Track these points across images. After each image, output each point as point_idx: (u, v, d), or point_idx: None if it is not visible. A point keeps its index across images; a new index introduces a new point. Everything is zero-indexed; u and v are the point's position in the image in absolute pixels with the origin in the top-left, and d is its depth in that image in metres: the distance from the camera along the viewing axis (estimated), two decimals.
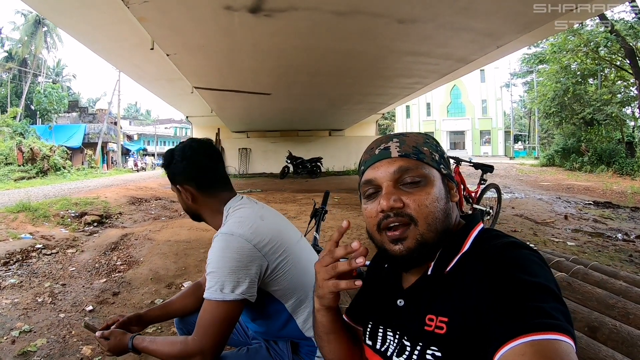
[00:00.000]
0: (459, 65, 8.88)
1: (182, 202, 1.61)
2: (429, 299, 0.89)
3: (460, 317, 0.80)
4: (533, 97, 30.69)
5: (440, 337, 0.82)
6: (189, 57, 7.90)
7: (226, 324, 1.33)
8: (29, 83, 40.59)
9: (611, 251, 5.38)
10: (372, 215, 0.94)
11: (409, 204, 0.88)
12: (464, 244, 0.90)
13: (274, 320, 1.53)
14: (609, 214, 8.35)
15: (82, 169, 26.75)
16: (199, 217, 1.62)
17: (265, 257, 1.39)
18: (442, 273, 0.89)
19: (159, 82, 12.58)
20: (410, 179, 0.90)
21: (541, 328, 0.65)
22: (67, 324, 3.35)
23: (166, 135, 65.04)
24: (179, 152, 1.58)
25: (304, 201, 10.51)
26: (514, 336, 0.66)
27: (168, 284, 4.34)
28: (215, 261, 1.35)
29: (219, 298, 1.31)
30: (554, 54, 23.09)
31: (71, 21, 7.16)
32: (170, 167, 1.58)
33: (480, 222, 0.95)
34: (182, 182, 1.58)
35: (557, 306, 0.69)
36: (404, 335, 0.92)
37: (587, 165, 20.01)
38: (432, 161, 0.93)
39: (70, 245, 5.98)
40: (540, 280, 0.72)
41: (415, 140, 0.96)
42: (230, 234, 1.39)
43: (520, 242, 0.83)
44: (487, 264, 0.79)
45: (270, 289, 1.45)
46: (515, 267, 0.75)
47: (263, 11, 5.41)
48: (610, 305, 1.68)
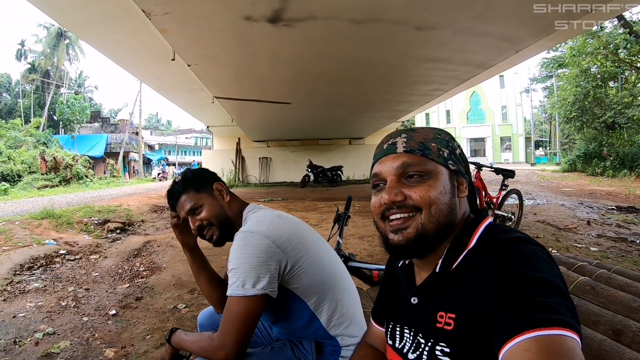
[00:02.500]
0: (478, 70, 8.80)
1: (215, 207, 1.63)
2: (439, 296, 0.91)
3: (467, 313, 0.82)
4: (553, 101, 30.34)
5: (449, 333, 0.84)
6: (210, 67, 7.98)
7: (249, 320, 1.35)
8: (51, 94, 41.49)
9: (635, 256, 5.29)
10: (377, 206, 0.97)
11: (411, 195, 0.91)
12: (470, 239, 0.91)
13: (297, 320, 1.54)
14: (632, 218, 8.18)
15: (104, 178, 27.02)
16: (228, 225, 1.63)
17: (284, 252, 1.42)
18: (449, 270, 0.90)
19: (180, 92, 12.71)
20: (414, 174, 0.92)
21: (546, 323, 0.66)
22: (91, 327, 3.41)
23: (187, 145, 65.65)
24: (190, 169, 1.75)
25: (325, 209, 10.49)
26: (519, 332, 0.67)
27: (190, 289, 4.38)
28: (236, 258, 1.38)
29: (240, 294, 1.34)
30: (573, 57, 22.76)
31: (94, 34, 7.33)
32: (190, 181, 1.66)
33: (487, 217, 0.97)
34: (213, 180, 1.69)
35: (562, 301, 0.70)
36: (418, 332, 0.95)
37: (609, 169, 19.56)
38: (438, 157, 0.95)
39: (94, 252, 6.10)
40: (545, 276, 0.73)
41: (423, 135, 0.98)
42: (249, 231, 1.43)
43: (525, 237, 0.83)
44: (492, 260, 0.80)
45: (292, 287, 1.47)
46: (519, 262, 0.76)
47: (282, 21, 5.46)
48: (634, 309, 1.66)
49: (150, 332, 3.33)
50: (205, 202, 1.62)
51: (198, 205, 1.61)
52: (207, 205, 1.62)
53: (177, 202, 1.65)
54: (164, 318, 3.64)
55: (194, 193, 1.63)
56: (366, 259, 5.06)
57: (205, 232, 1.63)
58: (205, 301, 3.96)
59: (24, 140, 25.74)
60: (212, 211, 1.62)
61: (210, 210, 1.61)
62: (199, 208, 1.61)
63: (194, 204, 1.61)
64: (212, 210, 1.62)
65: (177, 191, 1.65)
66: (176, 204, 1.66)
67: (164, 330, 3.34)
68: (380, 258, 5.10)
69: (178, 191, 1.65)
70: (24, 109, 42.75)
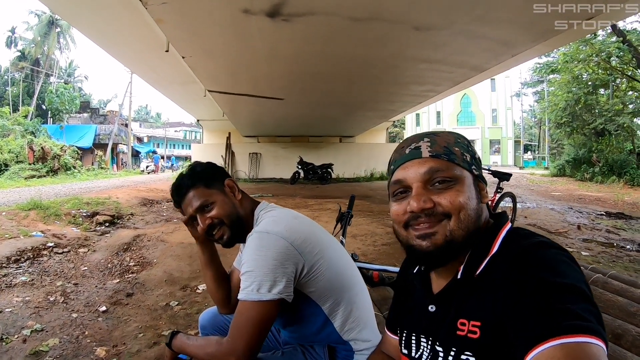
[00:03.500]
0: (473, 73, 8.85)
1: (227, 205, 1.53)
2: (459, 303, 0.88)
3: (492, 320, 0.79)
4: (544, 106, 30.62)
5: (474, 342, 0.81)
6: (205, 60, 7.91)
7: (262, 326, 1.28)
8: (41, 83, 41.03)
9: (625, 261, 5.35)
10: (400, 214, 0.92)
11: (441, 202, 0.87)
12: (492, 245, 0.88)
13: (310, 324, 1.49)
14: (621, 224, 8.30)
15: (92, 170, 26.81)
16: (240, 224, 1.53)
17: (301, 255, 1.35)
18: (472, 276, 0.87)
19: (172, 85, 12.62)
20: (441, 179, 0.88)
21: (572, 330, 0.63)
22: (80, 324, 3.33)
23: (176, 138, 65.45)
24: (199, 164, 1.62)
25: (316, 207, 10.48)
26: (544, 339, 0.64)
27: (183, 286, 4.32)
28: (251, 260, 1.30)
29: (255, 298, 1.26)
30: (566, 63, 22.98)
31: (87, 22, 7.24)
32: (200, 176, 1.54)
33: (508, 221, 0.93)
34: (224, 176, 1.59)
35: (588, 307, 0.68)
36: (436, 341, 0.91)
37: (598, 175, 19.80)
38: (463, 162, 0.91)
39: (82, 245, 6.00)
40: (570, 281, 0.71)
41: (446, 140, 0.94)
42: (265, 232, 1.35)
43: (549, 242, 0.81)
44: (516, 266, 0.78)
45: (307, 290, 1.41)
46: (544, 268, 0.74)
47: (281, 16, 5.41)
48: (632, 313, 1.71)
49: (142, 330, 3.25)
50: (216, 199, 1.51)
51: (209, 203, 1.50)
52: (219, 203, 1.51)
53: (183, 197, 1.53)
54: (157, 316, 3.56)
55: (203, 189, 1.51)
56: (360, 258, 5.05)
57: (215, 231, 1.52)
58: (199, 299, 3.92)
59: (11, 129, 25.44)
60: (224, 209, 1.51)
61: (222, 208, 1.50)
62: (210, 205, 1.50)
63: (204, 201, 1.50)
64: (224, 208, 1.51)
65: (185, 186, 1.52)
66: (182, 200, 1.54)
67: (157, 328, 3.27)
68: (374, 258, 5.09)
69: (186, 186, 1.52)
70: (13, 97, 42.26)
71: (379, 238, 6.51)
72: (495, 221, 0.93)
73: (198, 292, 4.14)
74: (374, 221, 8.09)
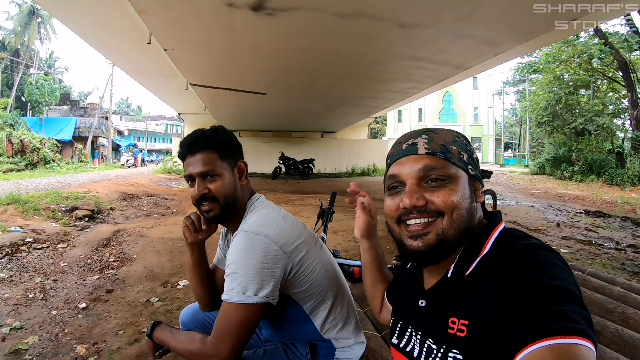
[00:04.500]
0: (456, 71, 8.92)
1: (231, 185, 1.46)
2: (450, 301, 0.88)
3: (481, 320, 0.79)
4: (525, 105, 30.98)
5: (462, 340, 0.82)
6: (187, 53, 7.84)
7: (247, 328, 1.27)
8: (20, 74, 40.15)
9: (603, 259, 5.44)
10: (393, 209, 0.93)
11: (433, 200, 0.88)
12: (484, 245, 0.88)
13: (290, 324, 1.48)
14: (600, 222, 8.43)
15: (72, 163, 26.34)
16: (233, 208, 1.47)
17: (289, 258, 1.33)
18: (463, 276, 0.87)
19: (154, 77, 12.55)
20: (435, 177, 0.88)
21: (562, 332, 0.64)
22: (60, 322, 3.27)
23: (157, 131, 64.87)
24: (223, 130, 1.53)
25: (298, 202, 10.47)
26: (534, 340, 0.65)
27: (163, 282, 4.27)
28: (238, 261, 1.27)
29: (241, 301, 1.24)
30: (548, 63, 23.35)
31: (68, 12, 7.11)
32: (219, 143, 1.47)
33: (501, 221, 0.93)
34: (239, 155, 1.55)
35: (578, 309, 0.68)
36: (427, 337, 0.92)
37: (577, 174, 20.15)
38: (459, 161, 0.91)
39: (61, 240, 5.88)
40: (561, 283, 0.71)
41: (444, 137, 0.94)
42: (255, 233, 1.32)
43: (541, 244, 0.81)
44: (507, 267, 0.78)
45: (290, 291, 1.40)
46: (535, 269, 0.74)
47: (265, 10, 5.38)
48: (610, 310, 1.75)
49: (122, 327, 3.21)
50: (223, 174, 1.44)
51: (215, 174, 1.43)
52: (224, 179, 1.44)
53: (194, 154, 1.44)
54: (137, 312, 3.51)
55: (217, 157, 1.44)
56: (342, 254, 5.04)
57: (205, 203, 1.45)
58: (180, 295, 3.89)
59: None
60: (225, 188, 1.44)
61: (224, 186, 1.44)
62: (215, 177, 1.43)
63: (211, 169, 1.43)
64: (225, 187, 1.44)
65: (201, 145, 1.44)
66: (191, 156, 1.45)
67: (138, 325, 3.23)
68: (355, 253, 5.09)
69: (201, 146, 1.44)
70: None
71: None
72: (489, 221, 0.93)
73: (179, 288, 4.10)
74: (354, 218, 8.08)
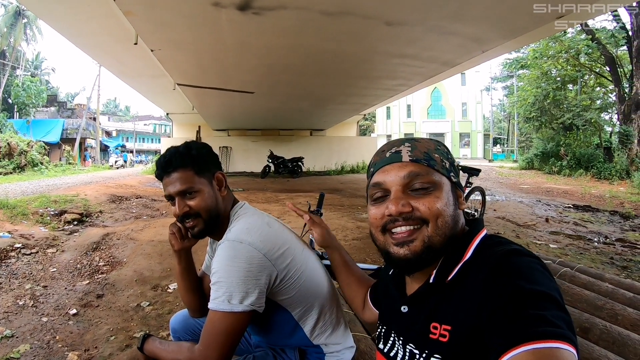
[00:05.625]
0: (444, 68, 8.95)
1: (210, 199, 1.45)
2: (432, 307, 0.89)
3: (462, 325, 0.80)
4: (513, 101, 31.28)
5: (444, 345, 0.82)
6: (174, 53, 7.77)
7: (233, 336, 1.27)
8: (6, 76, 39.63)
9: (592, 253, 5.48)
10: (378, 218, 0.93)
11: (419, 207, 0.88)
12: (466, 251, 0.88)
13: (280, 330, 1.48)
14: (588, 217, 8.51)
15: (60, 165, 26.14)
16: (216, 221, 1.47)
17: (274, 266, 1.33)
18: (444, 281, 0.88)
19: (141, 78, 12.43)
20: (420, 185, 0.89)
21: (543, 336, 0.64)
22: (51, 329, 3.24)
23: (145, 132, 64.49)
24: (196, 145, 1.50)
25: (287, 201, 10.45)
26: (516, 344, 0.65)
27: (154, 285, 4.25)
28: (222, 270, 1.27)
29: (226, 309, 1.24)
30: (535, 59, 23.64)
31: (54, 13, 7.02)
32: (194, 159, 1.44)
33: (483, 228, 0.94)
34: (216, 167, 1.52)
35: (560, 314, 0.69)
36: (408, 341, 0.93)
37: (565, 169, 20.32)
38: (442, 168, 0.92)
39: (50, 245, 5.82)
40: (542, 289, 0.71)
41: (427, 146, 0.95)
42: (239, 241, 1.31)
43: (522, 249, 0.82)
44: (489, 273, 0.79)
45: (278, 298, 1.40)
46: (516, 275, 0.75)
47: (252, 9, 5.34)
48: (599, 307, 1.77)
49: (114, 332, 3.19)
50: (201, 189, 1.43)
51: (194, 190, 1.42)
52: (203, 194, 1.43)
53: (169, 174, 1.43)
54: (128, 317, 3.49)
55: (193, 174, 1.43)
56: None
57: (188, 220, 1.45)
58: (170, 299, 3.87)
59: None
60: (205, 202, 1.43)
61: (204, 201, 1.43)
62: (193, 193, 1.42)
63: (189, 187, 1.42)
64: (206, 202, 1.43)
65: (175, 164, 1.42)
66: (167, 176, 1.43)
67: (129, 330, 3.21)
68: None
69: (176, 165, 1.42)
70: None
71: (350, 233, 6.53)
72: (471, 228, 0.94)
73: (169, 292, 4.08)
74: (345, 215, 8.11)
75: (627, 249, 5.83)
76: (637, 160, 17.45)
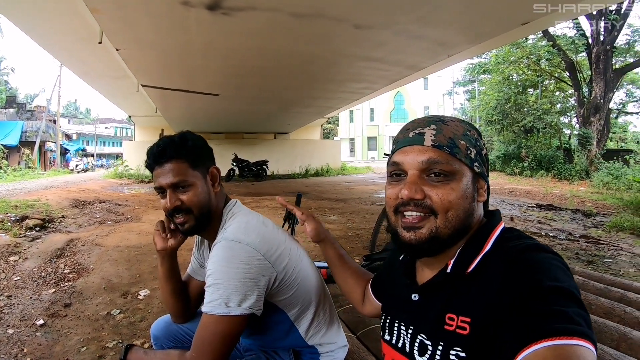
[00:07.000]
0: (409, 72, 9.06)
1: (204, 195, 1.39)
2: (448, 297, 0.88)
3: (482, 318, 0.79)
4: (475, 105, 31.89)
5: (464, 338, 0.81)
6: (139, 53, 7.60)
7: (229, 341, 1.22)
8: None
9: (558, 250, 5.63)
10: (392, 198, 0.92)
11: (432, 196, 0.87)
12: (485, 243, 0.88)
13: (274, 331, 1.45)
14: (552, 215, 8.78)
15: (19, 169, 25.27)
16: (207, 218, 1.41)
17: (273, 267, 1.29)
18: (463, 272, 0.87)
19: (104, 79, 12.23)
20: (438, 172, 0.87)
21: (563, 333, 0.64)
22: (18, 341, 3.10)
23: (106, 135, 63.15)
24: (192, 136, 1.44)
25: (253, 205, 10.40)
26: (535, 340, 0.65)
27: (123, 292, 4.13)
28: (219, 272, 1.21)
29: (223, 313, 1.18)
30: (498, 64, 24.30)
31: (19, 10, 6.80)
32: (189, 151, 1.38)
33: (501, 221, 0.93)
34: (211, 162, 1.47)
35: (580, 312, 0.68)
36: (419, 332, 0.92)
37: (527, 170, 20.90)
38: (465, 157, 0.89)
39: (12, 252, 5.58)
40: (563, 285, 0.71)
41: (454, 130, 0.91)
42: (237, 241, 1.26)
43: (542, 245, 0.81)
44: (509, 267, 0.78)
45: (275, 299, 1.36)
46: (537, 270, 0.74)
47: (221, 9, 5.27)
48: None
49: (85, 343, 3.07)
50: (195, 183, 1.37)
51: (187, 184, 1.36)
52: (196, 189, 1.37)
53: (161, 165, 1.36)
54: (98, 326, 3.37)
55: (187, 166, 1.36)
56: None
57: (179, 215, 1.38)
58: (141, 306, 3.77)
59: None
60: (198, 198, 1.37)
61: (197, 196, 1.37)
62: (187, 187, 1.36)
63: (182, 180, 1.35)
64: (198, 197, 1.37)
65: (169, 155, 1.35)
66: (158, 167, 1.37)
67: (100, 340, 3.10)
68: (316, 254, 5.04)
69: (170, 155, 1.35)
70: None
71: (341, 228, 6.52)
72: (489, 219, 0.93)
73: (140, 299, 3.98)
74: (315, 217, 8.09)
75: (591, 245, 6.05)
76: (596, 161, 18.15)
